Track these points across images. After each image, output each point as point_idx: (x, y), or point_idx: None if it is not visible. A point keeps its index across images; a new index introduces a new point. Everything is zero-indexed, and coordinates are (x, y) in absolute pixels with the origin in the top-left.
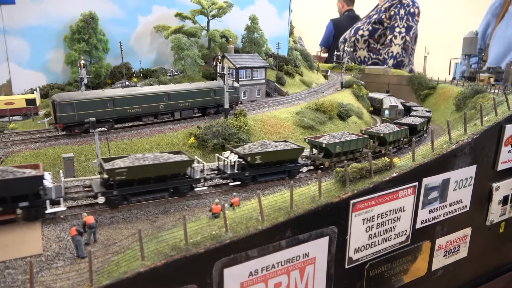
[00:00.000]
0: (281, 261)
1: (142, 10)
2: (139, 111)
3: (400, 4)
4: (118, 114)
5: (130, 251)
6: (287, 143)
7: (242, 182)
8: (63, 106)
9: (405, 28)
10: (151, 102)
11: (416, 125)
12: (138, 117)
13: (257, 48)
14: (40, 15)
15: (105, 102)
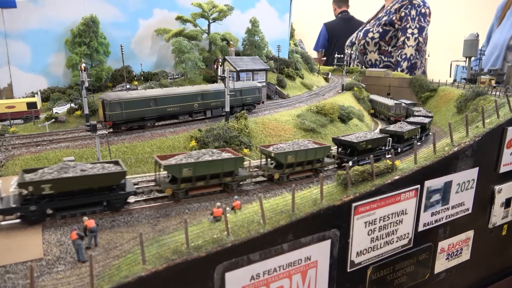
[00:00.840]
0: (283, 265)
1: (143, 13)
2: (177, 109)
3: (411, 4)
4: (159, 112)
5: (131, 255)
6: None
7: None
8: (113, 105)
9: (417, 29)
10: (187, 101)
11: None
12: (175, 116)
13: (258, 51)
14: (41, 18)
15: (148, 101)
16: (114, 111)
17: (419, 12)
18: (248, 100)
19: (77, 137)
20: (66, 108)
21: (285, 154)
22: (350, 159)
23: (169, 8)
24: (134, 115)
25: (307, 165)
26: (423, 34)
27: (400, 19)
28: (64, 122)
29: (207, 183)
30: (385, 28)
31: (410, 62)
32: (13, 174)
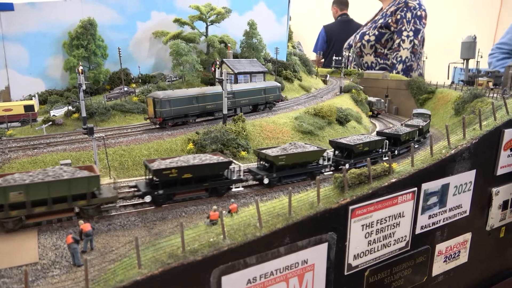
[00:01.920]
0: (280, 268)
1: (141, 16)
2: (214, 107)
3: (406, 7)
4: (200, 109)
5: (127, 259)
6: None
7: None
8: (163, 103)
9: (413, 31)
10: (222, 99)
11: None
12: (211, 113)
13: (255, 54)
14: (39, 21)
15: (192, 99)
16: (164, 108)
17: (414, 15)
18: (270, 98)
19: (74, 140)
20: (64, 111)
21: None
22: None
23: (167, 11)
24: (180, 112)
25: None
26: (419, 37)
27: (396, 21)
28: (61, 125)
29: None
30: (381, 30)
31: (406, 64)
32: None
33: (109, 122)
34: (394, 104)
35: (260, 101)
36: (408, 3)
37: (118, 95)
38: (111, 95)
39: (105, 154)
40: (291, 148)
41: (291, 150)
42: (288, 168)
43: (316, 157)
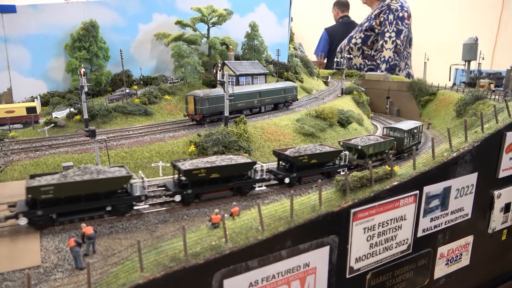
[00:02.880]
0: (282, 272)
1: (143, 18)
2: (243, 105)
3: (389, 10)
4: (233, 107)
5: (129, 262)
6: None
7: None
8: (203, 100)
9: (395, 32)
10: (250, 98)
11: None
12: (240, 111)
13: (257, 55)
14: (41, 23)
15: None
16: (204, 105)
17: (396, 16)
18: (288, 98)
19: (76, 142)
20: (66, 113)
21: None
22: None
23: (169, 13)
24: (216, 109)
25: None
26: (401, 37)
27: (379, 24)
28: (63, 126)
29: None
30: (366, 33)
31: (389, 64)
32: (12, 179)
33: (111, 124)
34: (395, 105)
35: (280, 100)
36: (391, 5)
37: (120, 97)
38: (112, 97)
39: (107, 156)
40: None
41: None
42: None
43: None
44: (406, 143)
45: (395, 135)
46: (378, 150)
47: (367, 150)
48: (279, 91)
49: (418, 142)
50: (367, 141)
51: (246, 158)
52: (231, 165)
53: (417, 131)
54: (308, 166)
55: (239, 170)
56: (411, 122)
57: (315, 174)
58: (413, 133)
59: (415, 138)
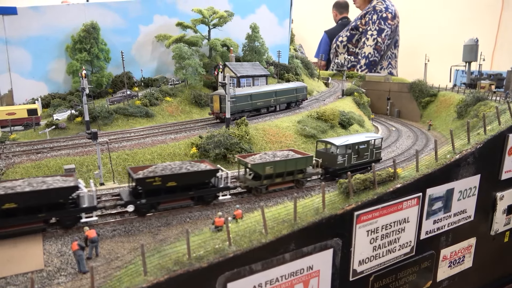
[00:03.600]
0: (285, 275)
1: (144, 19)
2: (262, 104)
3: (374, 11)
4: (253, 106)
5: (132, 266)
6: None
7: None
8: None
9: (376, 30)
10: (268, 97)
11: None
12: (258, 109)
13: (258, 57)
14: (42, 25)
15: (247, 97)
16: None
17: (380, 17)
18: (299, 97)
19: (77, 144)
20: (67, 115)
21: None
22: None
23: (169, 14)
24: (239, 108)
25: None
26: (382, 35)
27: (365, 23)
28: (64, 128)
29: None
30: (351, 32)
31: (369, 59)
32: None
33: (112, 126)
34: (396, 107)
35: (293, 99)
36: (376, 6)
37: (121, 99)
38: (114, 99)
39: (108, 159)
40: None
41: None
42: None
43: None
44: (342, 161)
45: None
46: (284, 169)
47: (262, 169)
48: (292, 90)
49: (375, 160)
50: (272, 157)
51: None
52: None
53: (367, 146)
54: (165, 190)
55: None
56: (362, 135)
57: (178, 199)
58: (359, 149)
59: (362, 156)
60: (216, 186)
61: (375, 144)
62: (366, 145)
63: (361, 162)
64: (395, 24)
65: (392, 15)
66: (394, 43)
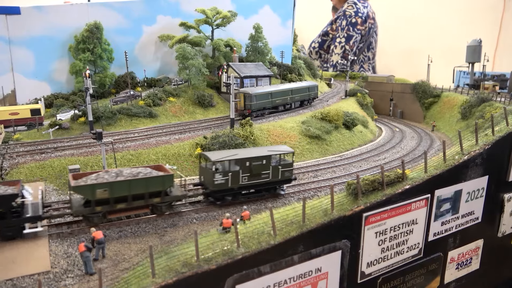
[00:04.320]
0: (293, 277)
1: (147, 19)
2: (280, 102)
3: (343, 15)
4: (273, 104)
5: (140, 268)
6: None
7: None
8: (253, 97)
9: (345, 38)
10: (285, 95)
11: None
12: (276, 107)
13: (261, 57)
14: (45, 25)
15: (268, 95)
16: (252, 102)
17: (349, 22)
18: (311, 95)
19: (81, 144)
20: (70, 115)
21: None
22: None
23: (173, 15)
24: (261, 105)
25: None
26: (350, 43)
27: (335, 29)
28: (68, 129)
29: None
30: (323, 38)
31: (337, 68)
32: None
33: (116, 126)
34: (399, 107)
35: (305, 97)
36: (346, 11)
37: (124, 99)
38: (117, 99)
39: (113, 159)
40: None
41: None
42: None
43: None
44: (223, 181)
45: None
46: (128, 192)
47: (91, 192)
48: (305, 89)
49: (283, 181)
50: (114, 176)
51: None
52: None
53: (267, 163)
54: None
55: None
56: (264, 149)
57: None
58: (251, 166)
59: (258, 175)
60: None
61: (281, 161)
62: (265, 161)
63: (258, 183)
64: (366, 28)
65: (363, 19)
66: (368, 46)
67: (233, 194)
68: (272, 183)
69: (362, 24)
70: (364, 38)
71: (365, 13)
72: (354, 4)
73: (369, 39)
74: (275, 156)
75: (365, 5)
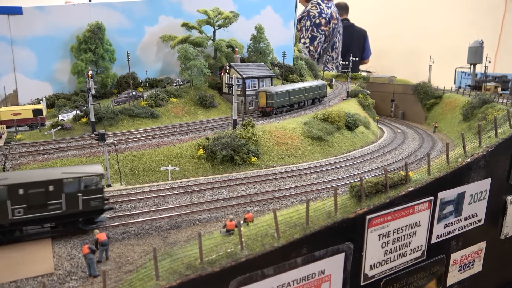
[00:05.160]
0: (297, 279)
1: (149, 20)
2: (296, 100)
3: (308, 16)
4: (290, 102)
5: (144, 270)
6: None
7: None
8: (274, 95)
9: (309, 39)
10: (300, 94)
11: None
12: (292, 105)
13: (263, 58)
14: (47, 25)
15: (286, 93)
16: (273, 100)
17: (313, 23)
18: (322, 94)
19: (83, 145)
20: (72, 115)
21: None
22: None
23: (175, 15)
24: (281, 103)
25: None
26: (315, 43)
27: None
28: (70, 129)
29: None
30: None
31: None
32: None
33: (118, 127)
34: (400, 108)
35: (317, 95)
36: (310, 11)
37: (126, 99)
38: (119, 99)
39: (115, 160)
40: None
41: None
42: None
43: None
44: None
45: None
46: None
47: None
48: (316, 88)
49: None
50: None
51: None
52: None
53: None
54: None
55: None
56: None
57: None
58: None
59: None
60: None
61: (87, 186)
62: (53, 187)
63: (43, 217)
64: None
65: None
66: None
67: (2, 233)
68: (71, 216)
69: (326, 25)
70: (328, 39)
71: (329, 13)
72: (317, 5)
73: (333, 39)
74: (70, 180)
75: (329, 5)
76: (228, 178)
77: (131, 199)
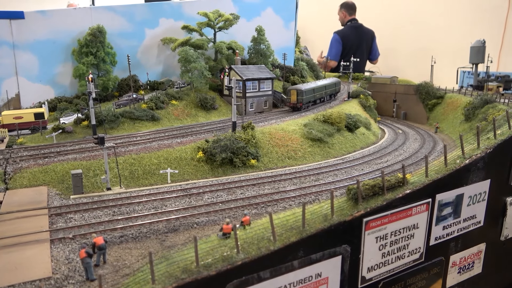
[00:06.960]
0: (293, 282)
1: (149, 23)
2: (318, 96)
3: None
4: (315, 98)
5: (140, 274)
6: None
7: None
8: (303, 92)
9: None
10: (322, 90)
11: None
12: (315, 101)
13: (263, 60)
14: (49, 29)
15: (312, 90)
16: (303, 96)
17: None
18: (337, 90)
19: (84, 148)
20: (73, 118)
21: None
22: None
23: (175, 18)
24: (308, 99)
25: None
26: None
27: None
28: (71, 132)
29: None
30: None
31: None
32: (21, 187)
33: (118, 130)
34: (402, 109)
35: (333, 92)
36: None
37: (127, 102)
38: (120, 102)
39: (115, 163)
40: None
41: None
42: None
43: None
44: None
45: None
46: None
47: None
48: (333, 85)
49: None
50: None
51: None
52: None
53: None
54: None
55: None
56: None
57: None
58: None
59: None
60: None
61: None
62: None
63: None
64: None
65: None
66: None
67: None
68: None
69: None
70: None
71: None
72: None
73: None
74: None
75: None
76: (227, 181)
77: (130, 202)
